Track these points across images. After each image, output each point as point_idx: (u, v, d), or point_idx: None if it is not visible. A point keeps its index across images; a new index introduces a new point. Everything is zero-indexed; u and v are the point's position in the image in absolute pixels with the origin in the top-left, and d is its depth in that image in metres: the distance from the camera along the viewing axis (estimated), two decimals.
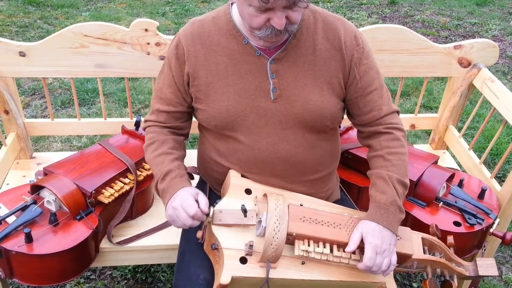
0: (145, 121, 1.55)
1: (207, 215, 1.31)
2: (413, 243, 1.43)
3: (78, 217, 1.58)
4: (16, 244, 1.47)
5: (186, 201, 1.30)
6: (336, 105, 1.43)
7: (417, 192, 1.78)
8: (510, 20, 5.39)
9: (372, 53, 1.46)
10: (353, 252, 1.33)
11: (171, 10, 5.30)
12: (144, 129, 1.55)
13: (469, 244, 1.74)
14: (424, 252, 1.47)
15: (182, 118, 1.52)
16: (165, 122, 1.51)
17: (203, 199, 1.33)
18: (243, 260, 1.30)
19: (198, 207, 1.30)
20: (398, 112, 1.49)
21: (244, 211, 1.33)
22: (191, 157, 1.75)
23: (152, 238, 1.73)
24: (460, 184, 1.84)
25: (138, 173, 1.76)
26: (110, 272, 2.25)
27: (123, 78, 3.62)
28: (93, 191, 1.60)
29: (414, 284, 2.27)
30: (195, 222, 1.31)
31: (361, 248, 1.33)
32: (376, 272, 1.31)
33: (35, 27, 4.66)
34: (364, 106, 1.44)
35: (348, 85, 1.43)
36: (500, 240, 1.75)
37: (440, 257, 1.48)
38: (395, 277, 1.44)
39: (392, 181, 1.37)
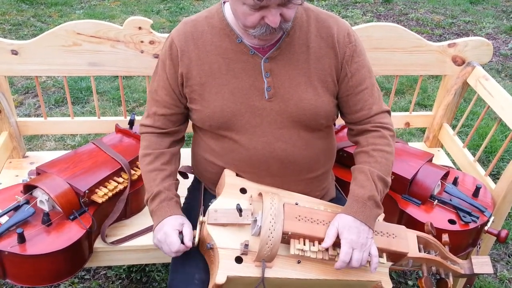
0: (141, 125, 1.53)
1: (193, 244, 1.35)
2: (408, 241, 1.43)
3: (71, 217, 1.57)
4: (8, 245, 1.45)
5: (170, 237, 1.34)
6: (330, 103, 1.42)
7: (412, 190, 1.78)
8: (503, 18, 5.41)
9: (364, 51, 1.45)
10: (331, 248, 1.31)
11: (166, 8, 5.28)
12: (141, 133, 1.53)
13: (464, 242, 1.74)
14: (420, 250, 1.47)
15: (179, 121, 1.51)
16: (162, 127, 1.49)
17: (188, 232, 1.36)
18: (238, 260, 1.29)
19: (182, 241, 1.34)
20: (389, 112, 1.48)
21: (239, 210, 1.32)
22: (186, 156, 1.74)
23: (146, 238, 1.72)
24: (455, 182, 1.84)
25: (132, 172, 1.75)
26: (104, 272, 2.24)
27: (117, 76, 3.60)
28: (87, 191, 1.58)
29: (410, 282, 2.27)
30: (179, 254, 1.36)
31: (337, 243, 1.31)
32: (355, 266, 1.28)
33: (29, 25, 4.62)
34: (354, 104, 1.44)
35: (339, 82, 1.43)
36: (495, 238, 1.76)
37: (435, 255, 1.49)
38: (390, 275, 1.44)
39: (373, 177, 1.36)
